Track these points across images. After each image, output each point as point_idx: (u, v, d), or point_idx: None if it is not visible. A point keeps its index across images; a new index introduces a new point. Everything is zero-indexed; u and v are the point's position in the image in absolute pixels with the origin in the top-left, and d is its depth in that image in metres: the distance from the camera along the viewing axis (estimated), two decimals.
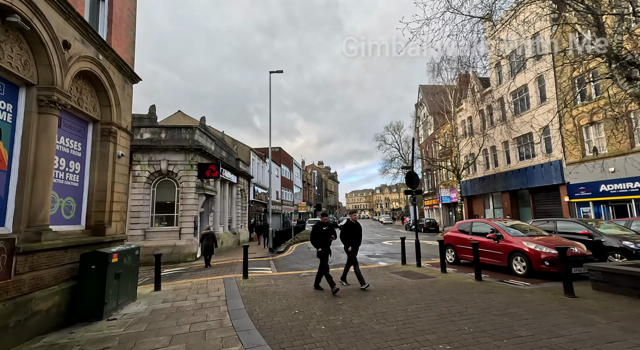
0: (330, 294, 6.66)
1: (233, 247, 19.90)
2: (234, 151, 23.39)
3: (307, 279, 8.48)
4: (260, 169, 31.33)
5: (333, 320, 4.95)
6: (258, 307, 5.84)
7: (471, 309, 5.31)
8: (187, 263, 13.82)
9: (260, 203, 30.16)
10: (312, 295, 6.61)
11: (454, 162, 30.71)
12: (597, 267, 6.38)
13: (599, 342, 3.85)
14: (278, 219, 36.44)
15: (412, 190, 10.59)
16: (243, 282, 8.19)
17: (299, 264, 12.18)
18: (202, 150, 15.40)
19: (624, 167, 16.45)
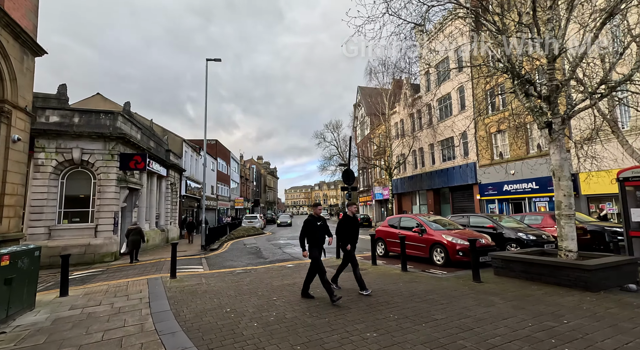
0: (268, 290, 6.56)
1: (161, 245, 18.41)
2: (164, 142, 21.57)
3: (241, 276, 8.24)
4: (194, 162, 29.45)
5: (266, 317, 4.90)
6: (186, 308, 5.49)
7: (397, 298, 5.72)
8: (104, 264, 12.36)
9: (194, 198, 28.40)
10: (245, 293, 6.44)
11: (387, 162, 32.74)
12: (498, 255, 7.40)
13: (496, 319, 4.47)
14: (213, 215, 34.75)
15: (347, 186, 10.99)
16: (170, 282, 7.63)
17: (234, 261, 11.80)
18: (126, 139, 13.87)
19: (521, 170, 19.37)
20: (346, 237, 6.29)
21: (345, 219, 6.43)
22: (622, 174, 7.63)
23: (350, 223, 6.38)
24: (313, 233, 5.93)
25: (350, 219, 6.44)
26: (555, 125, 6.70)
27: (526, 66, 7.28)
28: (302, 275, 8.08)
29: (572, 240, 6.52)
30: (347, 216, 6.48)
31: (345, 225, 6.37)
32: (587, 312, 4.67)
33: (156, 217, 19.82)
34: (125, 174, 14.35)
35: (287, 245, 16.60)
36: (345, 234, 6.34)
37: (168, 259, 11.15)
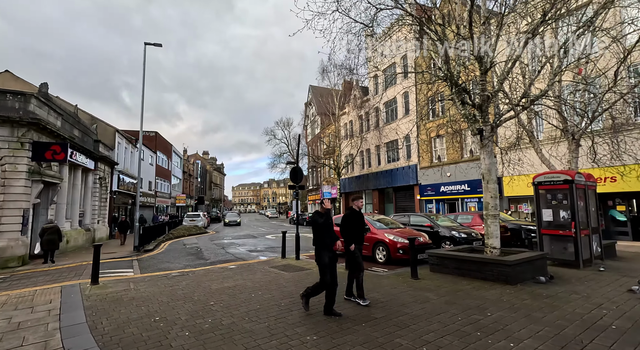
0: (206, 294, 6.12)
1: (85, 246, 16.42)
2: (92, 131, 19.27)
3: (176, 279, 7.62)
4: (129, 155, 26.85)
5: (200, 324, 4.53)
6: (106, 319, 4.86)
7: (338, 298, 5.71)
8: (8, 270, 10.59)
9: (128, 194, 25.91)
10: (179, 298, 5.94)
11: (336, 161, 33.34)
12: (434, 253, 7.86)
13: (431, 315, 4.68)
14: (151, 213, 32.12)
15: (295, 185, 10.85)
16: (91, 289, 6.75)
17: (170, 263, 10.94)
18: (41, 126, 12.04)
19: (455, 172, 21.07)
20: (352, 236, 5.45)
21: (351, 214, 5.54)
22: (536, 179, 8.61)
23: (358, 219, 5.53)
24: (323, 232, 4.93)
25: (357, 214, 5.58)
26: (486, 133, 7.30)
27: (463, 76, 7.83)
28: (243, 277, 7.75)
29: (497, 238, 7.17)
30: (354, 211, 5.59)
31: (351, 221, 5.47)
32: (507, 304, 5.13)
33: (80, 215, 17.64)
34: (39, 166, 12.46)
35: (231, 245, 15.93)
36: (351, 232, 5.45)
37: (91, 262, 9.97)
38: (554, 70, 8.90)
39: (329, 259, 4.87)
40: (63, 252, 14.31)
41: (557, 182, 8.24)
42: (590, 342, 3.71)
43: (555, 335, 3.89)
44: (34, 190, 12.08)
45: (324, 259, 4.83)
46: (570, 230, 7.91)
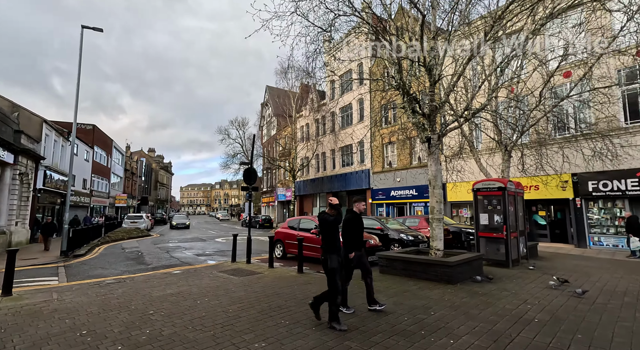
0: (145, 302, 5.61)
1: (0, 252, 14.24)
2: (12, 120, 16.88)
3: (111, 287, 6.91)
4: (59, 149, 24.00)
5: (136, 336, 4.13)
6: (19, 336, 4.22)
7: (290, 302, 5.63)
8: None
9: (57, 193, 23.12)
10: (113, 308, 5.38)
11: (291, 163, 33.19)
12: (383, 255, 8.13)
13: (379, 316, 4.79)
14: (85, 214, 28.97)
15: (248, 186, 10.53)
16: (1, 302, 5.83)
17: (105, 269, 9.92)
18: None
19: (405, 178, 22.18)
20: (353, 241, 5.09)
21: (353, 217, 5.15)
22: (475, 186, 9.37)
23: (358, 223, 5.20)
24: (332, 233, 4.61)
25: (358, 218, 5.23)
26: (433, 141, 7.76)
27: (414, 86, 8.25)
28: (189, 282, 7.29)
29: (440, 240, 7.62)
30: (355, 214, 5.19)
31: (353, 226, 5.10)
32: (448, 303, 5.45)
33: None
34: None
35: (177, 249, 14.96)
36: (353, 236, 5.09)
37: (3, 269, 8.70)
38: (491, 87, 9.79)
39: (338, 263, 4.53)
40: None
41: (492, 189, 9.04)
42: (518, 335, 4.08)
43: (489, 331, 4.21)
44: None
45: (333, 262, 4.47)
46: (502, 233, 8.71)
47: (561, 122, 12.56)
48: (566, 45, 9.92)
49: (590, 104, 11.49)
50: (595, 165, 11.41)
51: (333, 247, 4.58)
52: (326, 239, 4.66)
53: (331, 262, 4.48)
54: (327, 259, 4.53)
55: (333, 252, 4.55)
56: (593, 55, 10.15)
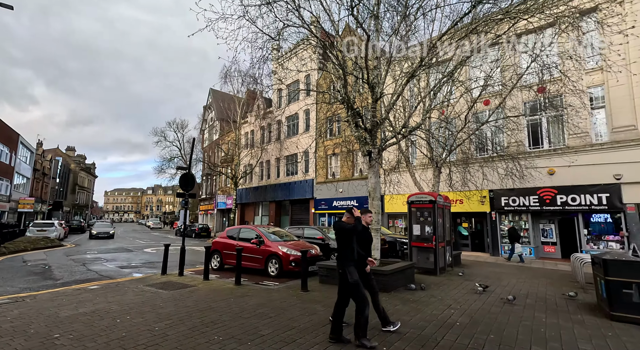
0: (49, 325, 4.80)
1: None
2: None
3: (2, 308, 5.81)
4: None
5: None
6: None
7: (225, 316, 5.33)
8: None
9: None
10: (5, 333, 4.51)
11: (233, 170, 32.07)
12: (323, 264, 8.22)
13: (317, 327, 4.80)
14: None
15: (185, 192, 9.87)
16: None
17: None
18: None
19: (347, 189, 22.92)
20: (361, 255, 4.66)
21: (363, 230, 4.68)
22: (410, 198, 10.07)
23: (366, 237, 4.83)
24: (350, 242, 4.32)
25: (366, 231, 4.87)
26: (374, 155, 8.17)
27: (358, 102, 8.65)
28: (109, 299, 6.50)
29: (377, 250, 7.98)
30: (364, 227, 4.74)
31: (361, 239, 4.67)
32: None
33: None
34: None
35: (96, 261, 13.27)
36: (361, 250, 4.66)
37: None
38: (426, 108, 10.74)
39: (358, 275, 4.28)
40: None
41: (424, 202, 9.81)
42: (442, 338, 4.41)
43: (417, 336, 4.48)
44: None
45: (353, 275, 4.19)
46: (432, 242, 9.45)
47: (481, 144, 14.24)
48: (486, 77, 11.38)
49: (503, 129, 13.26)
50: (507, 183, 13.12)
51: (351, 258, 4.33)
52: (343, 249, 4.38)
53: (351, 275, 4.22)
54: (346, 272, 4.25)
55: (351, 263, 4.30)
56: (506, 88, 11.79)
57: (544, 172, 13.63)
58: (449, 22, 8.68)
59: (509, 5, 7.72)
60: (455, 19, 7.56)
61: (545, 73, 9.32)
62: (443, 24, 9.05)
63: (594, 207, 12.72)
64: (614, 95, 12.67)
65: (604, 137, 13.01)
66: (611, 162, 12.38)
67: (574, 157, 12.94)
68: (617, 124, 12.55)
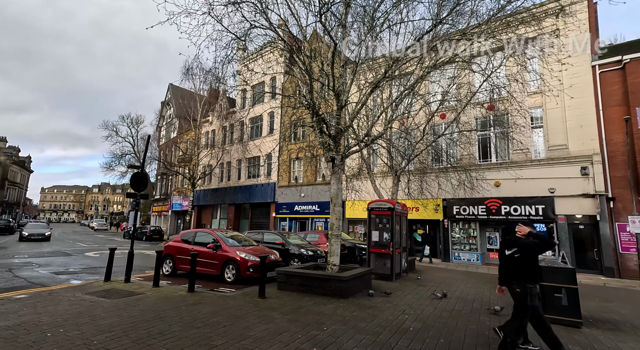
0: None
1: None
2: None
3: None
4: None
5: None
6: None
7: (175, 326, 5.00)
8: None
9: None
10: None
11: (191, 170, 30.65)
12: (282, 270, 8.08)
13: (273, 335, 4.67)
14: None
15: (136, 193, 9.21)
16: None
17: None
18: None
19: (309, 193, 22.94)
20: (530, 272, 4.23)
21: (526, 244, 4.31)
22: (370, 205, 10.30)
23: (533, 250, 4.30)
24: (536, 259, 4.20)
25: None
26: (337, 161, 8.26)
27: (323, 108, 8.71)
28: (37, 310, 5.81)
29: (337, 256, 8.03)
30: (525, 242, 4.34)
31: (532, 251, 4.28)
32: (340, 317, 5.70)
33: None
34: None
35: (25, 267, 11.86)
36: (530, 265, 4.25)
37: None
38: (388, 118, 11.11)
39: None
40: None
41: (383, 209, 10.09)
42: (397, 344, 4.52)
43: (373, 342, 4.54)
44: None
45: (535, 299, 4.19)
46: (389, 249, 9.73)
47: (437, 155, 15.05)
48: (443, 92, 12.08)
49: (457, 142, 14.14)
50: (459, 193, 13.96)
51: (535, 278, 4.26)
52: (528, 267, 4.19)
53: (532, 298, 4.13)
54: (527, 292, 4.11)
55: (534, 284, 4.23)
56: (461, 103, 12.61)
57: (491, 183, 14.72)
58: (412, 37, 9.11)
59: (465, 27, 8.28)
60: (418, 36, 7.94)
61: (495, 92, 10.12)
62: (406, 39, 9.47)
63: (532, 217, 13.97)
64: (550, 116, 14.10)
65: (541, 154, 14.39)
66: (547, 177, 13.71)
67: (518, 171, 14.13)
68: (552, 143, 13.96)
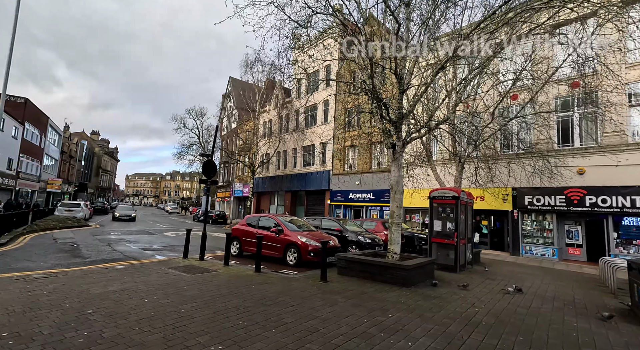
0: (82, 300, 5.01)
1: None
2: None
3: (40, 283, 6.11)
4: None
5: (71, 339, 3.67)
6: None
7: (247, 302, 5.41)
8: None
9: None
10: (43, 306, 4.75)
11: (251, 159, 32.38)
12: (342, 256, 8.20)
13: (339, 318, 4.79)
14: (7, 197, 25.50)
15: (207, 179, 10.01)
16: None
17: (32, 262, 8.77)
18: None
19: (364, 181, 22.73)
20: None
21: None
22: (432, 193, 9.86)
23: None
24: None
25: None
26: (398, 147, 8.00)
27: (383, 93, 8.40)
28: (134, 279, 6.72)
29: (398, 244, 7.88)
30: None
31: None
32: (404, 305, 5.63)
33: None
34: None
35: (120, 242, 13.77)
36: None
37: None
38: (453, 101, 10.40)
39: None
40: None
41: (447, 198, 9.59)
42: (469, 336, 4.32)
43: (442, 333, 4.40)
44: None
45: None
46: (453, 239, 9.26)
47: (506, 140, 13.73)
48: (517, 70, 10.86)
49: (533, 125, 12.72)
50: (534, 181, 12.64)
51: None
52: None
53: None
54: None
55: None
56: (538, 82, 11.23)
57: (573, 171, 13.05)
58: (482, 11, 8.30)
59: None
60: (491, 9, 7.20)
61: (586, 66, 8.79)
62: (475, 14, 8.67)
63: (626, 209, 12.13)
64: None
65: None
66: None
67: (609, 157, 12.29)
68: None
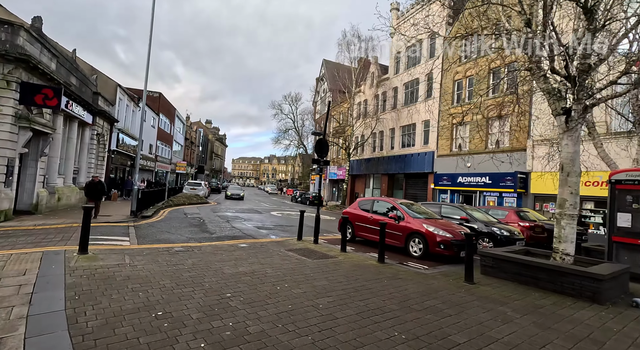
0: (219, 280, 4.91)
1: (78, 206, 15.21)
2: (91, 82, 17.58)
3: (180, 256, 6.41)
4: (130, 114, 25.21)
5: (219, 330, 3.31)
6: (92, 308, 3.64)
7: (389, 303, 4.50)
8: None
9: (127, 155, 24.51)
10: (186, 283, 4.73)
11: (346, 141, 31.82)
12: (488, 253, 6.63)
13: (532, 346, 3.45)
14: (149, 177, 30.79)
15: (320, 159, 9.49)
16: (77, 260, 5.53)
17: (171, 234, 9.74)
18: (32, 65, 10.43)
19: (477, 163, 19.65)
20: None
21: None
22: (615, 176, 7.26)
23: None
24: None
25: None
26: (575, 113, 5.87)
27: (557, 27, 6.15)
28: (260, 260, 6.55)
29: (572, 243, 5.91)
30: None
31: None
32: (621, 334, 3.91)
33: (75, 172, 16.33)
34: (29, 111, 10.98)
35: (236, 219, 14.76)
36: None
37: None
38: None
39: None
40: (53, 210, 13.12)
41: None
42: None
43: None
44: (21, 138, 10.64)
45: None
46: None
47: None
48: None
49: None
50: None
51: None
52: None
53: None
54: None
55: None
56: None
57: None
58: None
59: None
60: None
61: None
62: None
63: None
64: None
65: None
66: None
67: None
68: None
